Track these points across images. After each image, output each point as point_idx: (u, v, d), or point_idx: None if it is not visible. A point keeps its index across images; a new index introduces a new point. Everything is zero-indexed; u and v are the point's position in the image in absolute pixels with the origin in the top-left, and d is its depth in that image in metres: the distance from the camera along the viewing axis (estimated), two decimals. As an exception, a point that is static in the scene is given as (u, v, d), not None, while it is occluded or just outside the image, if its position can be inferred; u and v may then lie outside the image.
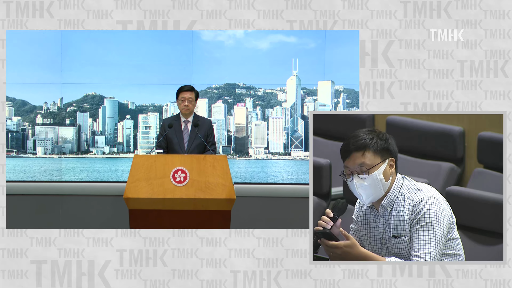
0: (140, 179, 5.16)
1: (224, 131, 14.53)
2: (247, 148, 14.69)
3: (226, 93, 14.77)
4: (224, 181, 5.13)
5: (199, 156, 5.36)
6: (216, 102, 14.72)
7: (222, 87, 14.82)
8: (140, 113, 14.60)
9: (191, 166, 5.23)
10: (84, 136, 14.63)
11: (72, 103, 14.58)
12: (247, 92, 14.88)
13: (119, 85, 14.86)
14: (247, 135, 14.73)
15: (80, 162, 14.63)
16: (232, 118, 14.74)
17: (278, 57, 14.01)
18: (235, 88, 14.83)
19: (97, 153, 14.64)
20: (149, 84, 13.82)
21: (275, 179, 14.57)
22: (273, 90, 15.03)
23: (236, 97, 14.80)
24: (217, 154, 5.58)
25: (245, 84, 14.89)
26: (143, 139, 14.56)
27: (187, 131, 6.25)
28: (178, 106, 6.26)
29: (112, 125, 14.76)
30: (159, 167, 5.24)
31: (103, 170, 14.89)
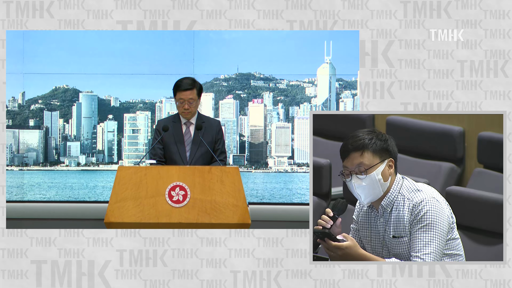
0: (126, 198, 4.24)
1: (236, 136, 11.34)
2: (265, 158, 11.34)
3: (238, 86, 11.40)
4: (235, 201, 4.25)
5: (203, 168, 4.35)
6: (225, 98, 11.40)
7: (233, 78, 11.41)
8: (126, 112, 11.20)
9: (192, 181, 4.28)
10: (53, 142, 11.25)
11: (37, 99, 11.27)
12: (266, 85, 11.49)
13: (98, 75, 10.92)
14: (265, 141, 11.41)
15: (48, 176, 11.23)
16: (246, 118, 11.46)
17: (306, 39, 10.84)
18: (249, 79, 11.44)
19: (70, 164, 11.22)
20: (137, 74, 10.43)
21: (302, 199, 11.46)
22: (299, 82, 11.51)
23: (251, 91, 11.42)
24: (227, 166, 4.56)
25: (262, 74, 11.41)
26: (130, 146, 11.17)
27: (189, 135, 5.10)
28: (177, 108, 5.13)
29: (90, 128, 11.38)
30: (151, 182, 4.28)
31: (77, 186, 11.34)
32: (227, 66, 10.97)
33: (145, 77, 10.62)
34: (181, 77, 5.12)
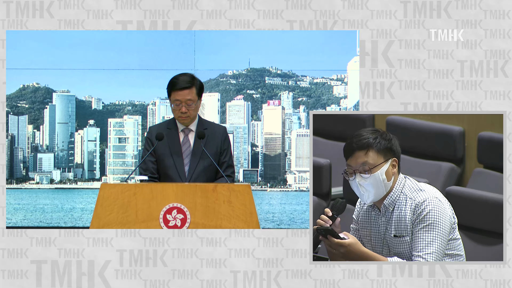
0: (111, 223, 3.66)
1: (247, 146, 9.20)
2: (283, 173, 9.24)
3: (250, 84, 9.17)
4: (246, 227, 3.71)
5: (207, 186, 3.71)
6: (234, 99, 9.31)
7: (244, 74, 9.13)
8: (111, 117, 8.99)
9: (193, 201, 3.66)
10: (20, 153, 9.14)
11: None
12: (284, 83, 9.22)
13: (77, 71, 8.58)
14: (283, 152, 9.29)
15: (14, 196, 9.10)
16: (260, 124, 9.26)
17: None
18: (264, 76, 9.19)
19: (41, 181, 9.12)
20: (125, 69, 8.17)
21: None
22: (325, 79, 9.31)
23: (267, 91, 9.20)
24: (236, 183, 4.01)
25: (280, 69, 9.12)
26: (116, 159, 9.02)
27: (188, 146, 4.34)
28: (173, 112, 4.34)
29: (66, 136, 9.14)
30: (142, 203, 3.64)
31: (50, 208, 9.22)
32: (236, 60, 8.53)
33: (135, 73, 8.24)
34: (179, 73, 4.40)
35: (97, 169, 9.10)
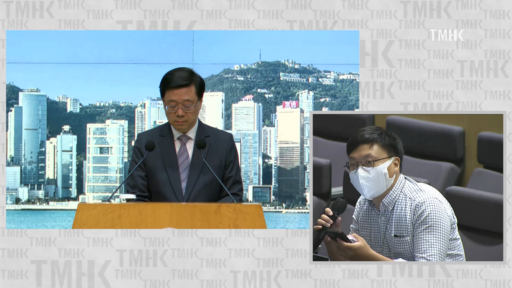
0: None
1: (257, 157, 7.45)
2: (302, 191, 7.58)
3: (261, 81, 7.41)
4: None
5: (208, 206, 3.18)
6: (241, 100, 7.56)
7: (253, 69, 7.37)
8: (90, 122, 7.29)
9: (191, 225, 3.16)
10: None
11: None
12: (303, 80, 7.41)
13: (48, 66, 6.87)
14: (302, 165, 7.52)
15: None
16: (274, 130, 7.51)
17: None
18: (278, 71, 7.41)
19: (6, 201, 7.58)
20: (108, 63, 6.48)
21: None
22: (353, 75, 7.56)
23: (281, 89, 7.41)
24: (244, 203, 3.35)
25: (298, 63, 7.38)
26: (97, 173, 7.36)
27: (186, 157, 3.67)
28: (167, 115, 3.64)
29: (35, 145, 7.47)
30: (128, 227, 3.17)
31: None
32: (244, 52, 6.99)
33: (120, 67, 6.68)
34: (174, 67, 3.77)
35: (74, 186, 7.56)
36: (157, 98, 4.25)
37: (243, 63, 7.36)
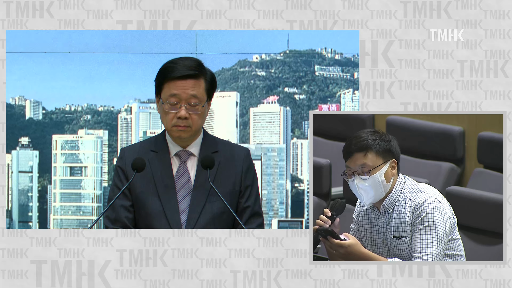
0: None
1: (284, 180, 6.09)
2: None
3: (289, 77, 6.27)
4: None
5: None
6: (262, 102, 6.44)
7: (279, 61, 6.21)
8: (57, 132, 6.25)
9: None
10: None
11: None
12: (345, 75, 6.29)
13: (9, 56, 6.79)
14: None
15: None
16: (306, 144, 6.44)
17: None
18: (312, 63, 6.32)
19: None
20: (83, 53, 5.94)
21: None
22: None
23: (317, 88, 6.17)
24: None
25: (340, 53, 6.35)
26: (67, 202, 6.14)
27: (187, 179, 2.89)
28: (163, 118, 2.79)
29: None
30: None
31: None
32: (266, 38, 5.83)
33: (98, 58, 5.61)
34: (170, 58, 2.96)
35: (34, 219, 6.22)
36: (148, 100, 3.72)
37: (264, 52, 6.39)
